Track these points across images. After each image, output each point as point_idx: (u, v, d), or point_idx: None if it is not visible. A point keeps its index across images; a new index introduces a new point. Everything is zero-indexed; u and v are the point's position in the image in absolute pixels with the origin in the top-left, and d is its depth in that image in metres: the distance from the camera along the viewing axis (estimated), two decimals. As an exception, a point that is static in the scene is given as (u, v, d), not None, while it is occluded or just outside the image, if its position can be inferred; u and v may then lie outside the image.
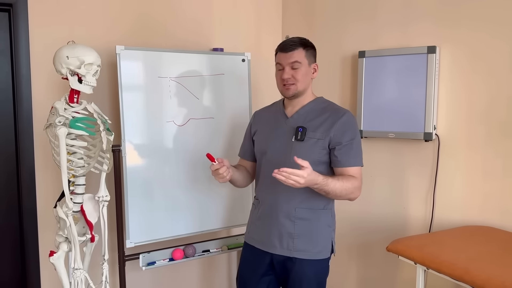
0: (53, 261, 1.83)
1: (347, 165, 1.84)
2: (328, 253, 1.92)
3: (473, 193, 2.29)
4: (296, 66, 1.84)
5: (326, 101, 1.98)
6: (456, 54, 2.31)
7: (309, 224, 1.88)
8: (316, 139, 1.84)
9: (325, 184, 1.72)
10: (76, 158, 1.82)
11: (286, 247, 1.87)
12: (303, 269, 1.86)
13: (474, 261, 1.81)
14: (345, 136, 1.84)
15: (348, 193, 1.81)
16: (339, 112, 1.87)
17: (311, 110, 1.92)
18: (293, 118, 1.93)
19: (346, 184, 1.78)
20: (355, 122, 1.90)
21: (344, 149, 1.83)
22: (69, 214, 1.77)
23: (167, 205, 2.40)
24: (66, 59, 1.75)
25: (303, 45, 1.87)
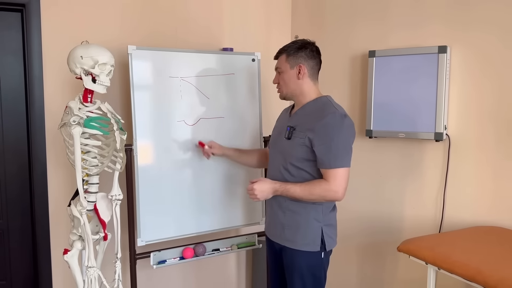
0: (67, 259, 1.85)
1: (324, 166, 1.87)
2: (317, 246, 1.93)
3: (484, 193, 2.29)
4: (279, 71, 2.03)
5: (326, 102, 1.97)
6: (466, 54, 2.31)
7: (297, 216, 1.95)
8: (299, 138, 1.91)
9: (285, 190, 1.89)
10: (90, 157, 1.83)
11: (279, 236, 2.01)
12: (294, 258, 1.96)
13: (486, 262, 1.81)
14: (323, 138, 1.85)
15: (316, 196, 1.87)
16: (322, 114, 1.89)
17: (306, 110, 1.98)
18: (291, 118, 2.04)
19: (309, 188, 1.86)
20: (337, 123, 1.86)
21: (321, 150, 1.86)
22: (83, 212, 1.79)
23: (177, 204, 2.41)
24: (80, 59, 1.76)
25: (285, 51, 2.00)
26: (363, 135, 2.69)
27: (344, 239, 2.83)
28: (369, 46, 2.65)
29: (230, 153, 2.38)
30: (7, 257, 2.43)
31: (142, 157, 2.30)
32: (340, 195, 1.87)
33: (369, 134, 2.61)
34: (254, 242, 2.65)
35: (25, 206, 2.45)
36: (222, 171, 2.54)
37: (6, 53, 2.35)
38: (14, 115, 2.39)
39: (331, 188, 1.84)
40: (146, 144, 2.31)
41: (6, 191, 2.40)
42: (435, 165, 2.44)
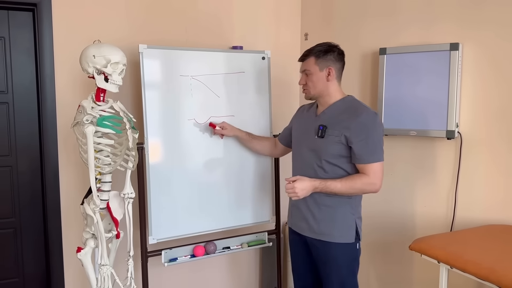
0: (81, 257, 1.86)
1: (362, 161, 1.98)
2: (352, 238, 2.06)
3: (496, 191, 2.27)
4: (307, 73, 2.07)
5: (353, 100, 2.10)
6: (478, 52, 2.29)
7: (332, 211, 2.04)
8: (334, 136, 2.00)
9: (325, 186, 1.96)
10: (103, 155, 1.84)
11: (313, 230, 2.07)
12: (329, 251, 2.04)
13: (500, 261, 1.80)
14: (360, 135, 1.96)
15: (358, 190, 2.00)
16: (357, 112, 2.00)
17: (336, 110, 2.07)
18: (319, 117, 2.10)
19: (350, 183, 1.97)
20: (373, 120, 1.99)
21: (359, 146, 1.96)
22: (96, 211, 1.80)
23: (188, 202, 2.42)
24: (92, 58, 1.77)
25: (314, 54, 2.06)
26: (374, 133, 2.68)
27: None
28: (380, 44, 2.63)
29: (241, 135, 2.46)
30: (19, 254, 2.46)
31: (153, 155, 2.30)
32: (378, 187, 2.01)
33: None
34: (264, 240, 2.65)
35: (37, 204, 2.47)
36: (233, 170, 2.54)
37: (19, 51, 2.37)
38: (26, 113, 2.40)
39: (371, 181, 1.97)
40: (157, 143, 2.32)
41: (18, 188, 2.42)
42: (447, 163, 2.42)
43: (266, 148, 2.49)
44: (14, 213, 2.43)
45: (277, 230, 2.74)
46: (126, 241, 2.07)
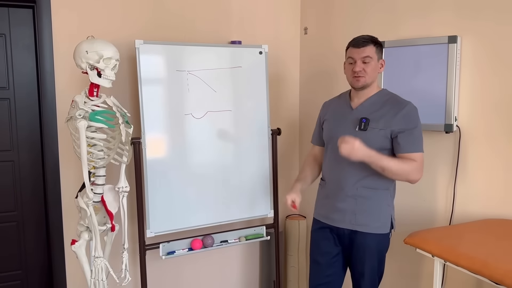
0: (75, 250, 1.90)
1: (407, 151, 2.01)
2: (387, 228, 2.12)
3: (495, 186, 2.25)
4: (367, 60, 2.04)
5: (389, 93, 2.14)
6: (478, 45, 2.26)
7: (370, 202, 2.08)
8: (378, 129, 2.03)
9: (379, 158, 1.93)
10: (96, 150, 1.87)
11: (349, 222, 2.10)
12: (365, 241, 2.09)
13: (493, 255, 1.78)
14: (406, 126, 2.01)
15: (405, 173, 1.99)
16: (401, 104, 2.05)
17: (375, 102, 2.10)
18: (357, 110, 2.12)
19: (403, 164, 1.97)
20: (415, 112, 2.05)
21: (404, 137, 2.00)
22: (90, 204, 1.83)
23: (186, 196, 2.45)
24: (85, 53, 1.80)
25: (373, 42, 2.06)
26: (373, 127, 2.67)
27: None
28: (380, 37, 2.61)
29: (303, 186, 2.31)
30: (22, 247, 2.51)
31: (150, 150, 2.33)
32: (421, 175, 2.03)
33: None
34: (262, 234, 2.67)
35: (38, 197, 2.52)
36: (231, 164, 2.56)
37: (20, 48, 2.41)
38: (27, 108, 2.45)
39: (417, 167, 2.00)
40: (154, 137, 2.34)
41: (20, 182, 2.47)
42: (446, 157, 2.40)
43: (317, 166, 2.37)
44: (16, 206, 2.48)
45: (275, 224, 2.76)
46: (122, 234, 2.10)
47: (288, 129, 3.15)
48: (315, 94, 3.03)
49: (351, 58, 2.07)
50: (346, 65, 2.13)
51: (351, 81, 2.11)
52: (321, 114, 2.34)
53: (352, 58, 2.07)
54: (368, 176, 2.07)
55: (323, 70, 2.96)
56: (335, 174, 2.15)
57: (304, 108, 3.15)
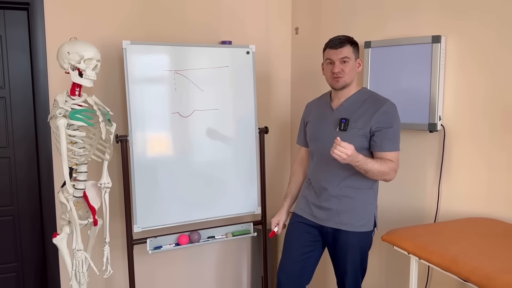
0: (56, 242, 1.98)
1: (384, 150, 2.05)
2: (371, 226, 2.16)
3: (479, 184, 2.25)
4: (345, 60, 2.07)
5: (369, 92, 2.19)
6: (462, 44, 2.26)
7: (354, 202, 2.12)
8: (357, 128, 2.06)
9: (365, 162, 1.96)
10: (77, 147, 1.95)
11: (333, 221, 2.13)
12: (348, 239, 2.12)
13: (464, 252, 1.79)
14: (383, 124, 2.04)
15: (384, 174, 2.04)
16: (379, 102, 2.08)
17: (354, 102, 2.13)
18: (338, 110, 2.15)
19: (383, 166, 2.01)
20: (395, 110, 2.09)
21: (382, 135, 2.04)
22: (70, 199, 1.91)
23: (173, 192, 2.51)
24: (67, 54, 1.87)
25: (350, 42, 2.10)
26: (359, 126, 2.70)
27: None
28: (366, 37, 2.63)
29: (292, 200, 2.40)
30: (18, 240, 2.61)
31: (137, 147, 2.40)
32: (396, 174, 2.08)
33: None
34: (249, 230, 2.72)
35: (33, 192, 2.61)
36: (218, 161, 2.61)
37: (15, 49, 2.51)
38: (22, 107, 2.55)
39: (395, 167, 2.05)
40: (141, 135, 2.41)
41: (16, 178, 2.57)
42: (431, 156, 2.41)
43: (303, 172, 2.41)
44: (12, 201, 2.58)
45: (263, 221, 2.80)
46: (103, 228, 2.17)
47: (280, 128, 3.19)
48: (306, 93, 3.06)
49: (329, 59, 2.10)
50: (325, 66, 2.17)
51: (330, 82, 2.14)
52: (304, 115, 2.37)
53: (330, 59, 2.10)
54: (351, 175, 2.10)
55: (314, 70, 2.98)
56: (319, 174, 2.19)
57: (296, 107, 3.18)
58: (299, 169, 2.42)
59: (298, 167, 2.43)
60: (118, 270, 2.70)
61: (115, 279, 2.72)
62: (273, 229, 2.36)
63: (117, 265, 2.69)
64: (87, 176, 2.04)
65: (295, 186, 2.41)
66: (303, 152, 2.41)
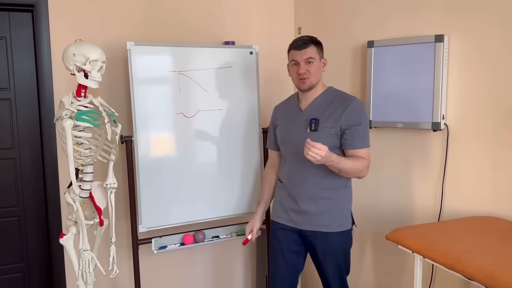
0: (63, 243, 1.99)
1: (356, 147, 2.06)
2: (349, 225, 2.18)
3: (483, 183, 2.25)
4: (310, 61, 2.08)
5: (336, 91, 2.19)
6: (466, 43, 2.26)
7: (330, 202, 2.13)
8: (328, 128, 2.07)
9: (338, 162, 1.97)
10: (83, 148, 1.96)
11: (311, 223, 2.13)
12: (329, 240, 2.13)
13: (468, 251, 1.80)
14: (353, 121, 2.06)
15: (357, 172, 2.05)
16: (347, 100, 2.10)
17: (322, 102, 2.14)
18: (307, 111, 2.16)
19: (356, 163, 2.03)
20: (362, 107, 2.11)
21: (352, 133, 2.05)
22: (76, 199, 1.92)
23: (177, 193, 2.52)
24: (73, 56, 1.88)
25: (314, 43, 2.11)
26: (363, 125, 2.70)
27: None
28: (369, 36, 2.64)
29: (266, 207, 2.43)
30: (23, 241, 2.63)
31: (142, 147, 2.41)
32: (368, 171, 2.11)
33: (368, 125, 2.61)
34: (253, 230, 2.73)
35: (39, 193, 2.63)
36: (222, 161, 2.62)
37: (19, 50, 2.52)
38: (27, 108, 2.56)
39: (366, 164, 2.08)
40: (146, 136, 2.42)
41: (21, 179, 2.59)
42: (434, 155, 2.42)
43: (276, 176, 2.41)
44: (18, 202, 2.60)
45: (267, 220, 2.81)
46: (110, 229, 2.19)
47: (283, 127, 3.19)
48: (309, 93, 3.07)
49: (294, 61, 2.10)
50: (290, 67, 2.16)
51: (297, 84, 2.14)
52: (273, 118, 2.36)
53: (295, 60, 2.10)
54: (326, 176, 2.10)
55: (317, 69, 2.99)
56: (293, 177, 2.18)
57: (299, 106, 3.19)
58: (270, 173, 2.41)
59: (269, 171, 2.42)
60: (123, 270, 2.72)
61: (121, 278, 2.74)
62: (247, 237, 2.36)
63: (122, 264, 2.70)
64: (93, 177, 2.05)
65: (267, 191, 2.41)
66: (274, 156, 2.41)
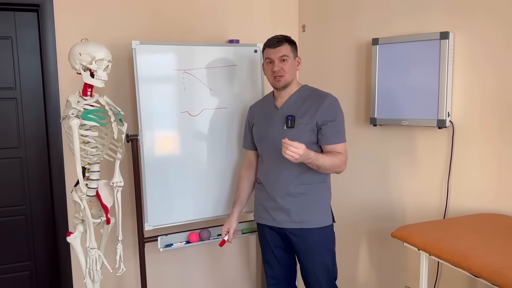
0: (70, 241, 2.01)
1: (332, 142, 2.10)
2: (330, 219, 2.20)
3: (488, 180, 2.25)
4: (284, 59, 2.11)
5: (310, 88, 2.23)
6: (470, 40, 2.26)
7: (310, 198, 2.14)
8: (304, 124, 2.09)
9: (316, 158, 1.98)
10: (89, 147, 1.97)
11: (293, 220, 2.15)
12: (311, 236, 2.14)
13: (474, 248, 1.81)
14: (328, 117, 2.09)
15: (336, 167, 2.08)
16: (322, 97, 2.13)
17: (297, 99, 2.16)
18: (282, 109, 2.18)
19: (334, 159, 2.05)
20: (337, 103, 2.15)
21: (328, 128, 2.08)
22: (83, 198, 1.93)
23: (183, 191, 2.53)
24: (79, 55, 1.89)
25: (288, 41, 2.14)
26: (368, 123, 2.71)
27: (350, 227, 2.87)
28: (374, 34, 2.64)
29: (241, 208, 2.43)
30: (30, 239, 2.65)
31: (147, 146, 2.42)
32: (346, 166, 2.13)
33: (373, 122, 2.61)
34: (258, 228, 2.73)
35: (45, 192, 2.65)
36: (227, 159, 2.63)
37: (25, 50, 2.53)
38: (33, 107, 2.58)
39: (344, 159, 2.11)
40: (151, 134, 2.43)
41: (28, 178, 2.61)
42: (440, 153, 2.42)
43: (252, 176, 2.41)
44: (25, 201, 2.62)
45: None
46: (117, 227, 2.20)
47: (288, 125, 3.19)
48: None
49: (269, 59, 2.13)
50: (265, 65, 2.19)
51: (272, 82, 2.16)
52: (249, 118, 2.38)
53: (269, 58, 2.13)
54: (304, 172, 2.11)
55: (321, 67, 3.00)
56: (272, 175, 2.19)
57: (304, 104, 3.19)
58: (246, 174, 2.42)
59: (245, 172, 2.42)
60: (129, 268, 2.73)
61: (126, 276, 2.75)
62: (223, 238, 2.37)
63: (128, 262, 2.72)
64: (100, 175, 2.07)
65: (243, 191, 2.41)
66: (250, 156, 2.41)
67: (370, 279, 2.85)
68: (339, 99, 2.20)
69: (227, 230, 2.38)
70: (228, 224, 2.38)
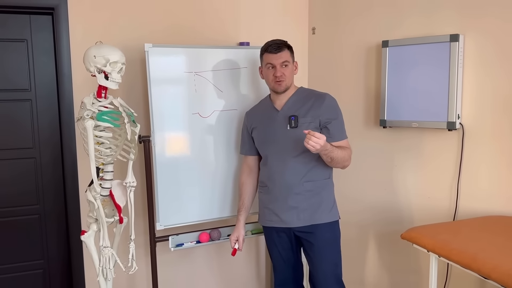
0: (84, 239, 2.05)
1: (338, 139, 2.17)
2: (336, 216, 2.25)
3: (499, 183, 2.26)
4: (286, 64, 2.17)
5: (307, 89, 2.31)
6: (481, 42, 2.27)
7: (317, 195, 2.19)
8: (308, 123, 2.14)
9: (332, 150, 2.04)
10: (103, 147, 2.01)
11: (302, 218, 2.18)
12: (320, 232, 2.19)
13: (484, 250, 1.82)
14: (331, 115, 2.17)
15: (344, 161, 2.15)
16: (321, 96, 2.21)
17: (297, 100, 2.23)
18: (283, 110, 2.23)
19: (344, 153, 2.13)
20: (335, 102, 2.23)
21: (333, 126, 2.16)
22: (97, 197, 1.97)
23: (194, 191, 2.56)
24: (93, 58, 1.93)
25: (287, 47, 2.21)
26: (377, 125, 2.72)
27: (360, 228, 2.88)
28: (384, 36, 2.65)
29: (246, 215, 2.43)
30: (44, 238, 2.69)
31: (159, 147, 2.46)
32: (351, 161, 2.20)
33: (383, 124, 2.63)
34: (268, 228, 2.75)
35: (59, 192, 2.69)
36: (236, 160, 2.65)
37: (40, 53, 2.58)
38: (47, 109, 2.63)
39: (350, 154, 2.19)
40: (163, 135, 2.47)
41: (42, 178, 2.65)
42: (450, 155, 2.42)
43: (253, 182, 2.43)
44: (38, 200, 2.67)
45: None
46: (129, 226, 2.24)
47: (297, 127, 3.21)
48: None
49: (270, 64, 2.17)
50: (264, 70, 2.23)
51: (273, 86, 2.21)
52: (247, 124, 2.39)
53: (271, 63, 2.17)
54: (310, 169, 2.17)
55: (331, 69, 3.01)
56: (278, 175, 2.20)
57: (313, 106, 3.21)
58: (248, 179, 2.42)
59: (246, 178, 2.43)
60: (140, 266, 2.77)
61: (138, 275, 2.79)
62: (234, 247, 2.37)
63: (139, 261, 2.75)
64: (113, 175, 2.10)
65: (247, 197, 2.41)
66: (250, 161, 2.42)
67: (380, 280, 2.86)
68: (349, 100, 2.24)
69: (236, 239, 2.38)
70: (236, 233, 2.39)
